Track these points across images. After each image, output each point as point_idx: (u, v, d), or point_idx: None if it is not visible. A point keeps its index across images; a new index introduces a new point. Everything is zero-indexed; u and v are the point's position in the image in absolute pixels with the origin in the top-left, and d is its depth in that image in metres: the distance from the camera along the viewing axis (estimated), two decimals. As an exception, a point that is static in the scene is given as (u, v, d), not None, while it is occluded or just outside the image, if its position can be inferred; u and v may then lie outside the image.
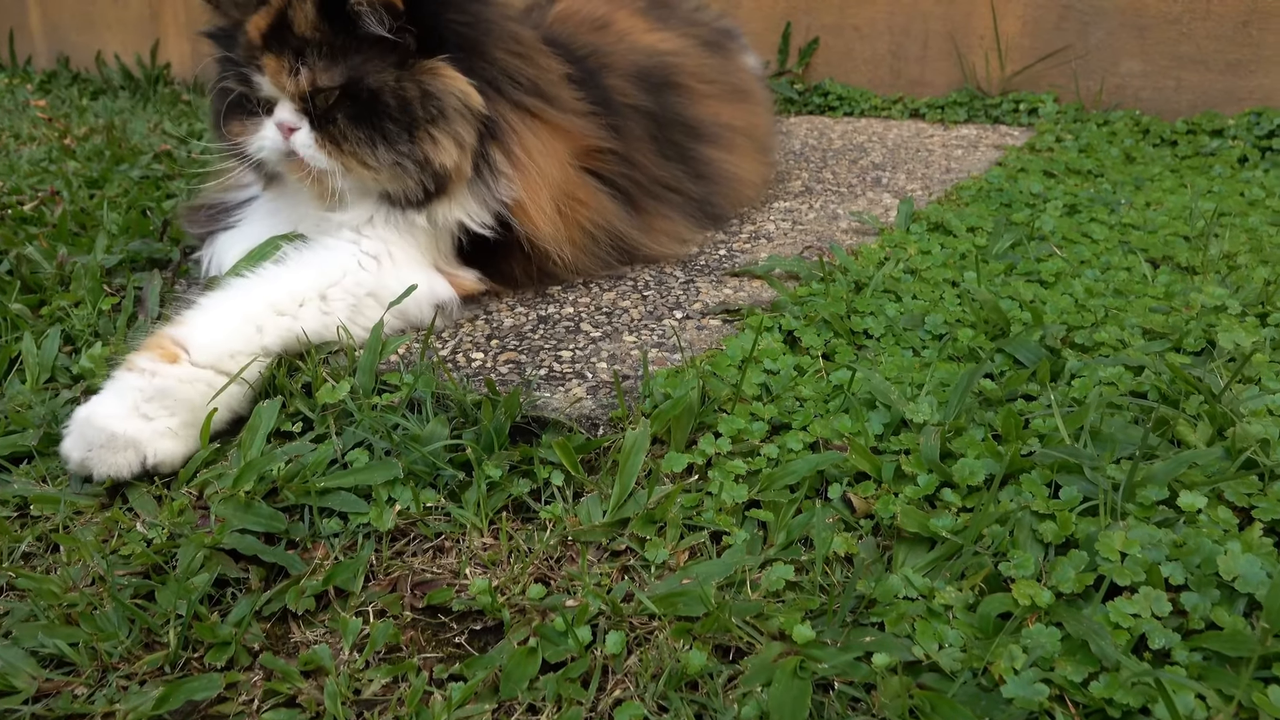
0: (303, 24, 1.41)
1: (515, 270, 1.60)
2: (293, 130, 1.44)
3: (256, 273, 1.42)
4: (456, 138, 1.45)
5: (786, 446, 1.16)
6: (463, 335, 1.47)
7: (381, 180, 1.46)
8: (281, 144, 1.45)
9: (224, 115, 1.51)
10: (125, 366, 1.27)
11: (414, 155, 1.43)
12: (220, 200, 1.71)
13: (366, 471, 1.15)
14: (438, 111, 1.44)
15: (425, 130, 1.43)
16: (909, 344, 1.41)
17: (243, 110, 1.50)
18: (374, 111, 1.42)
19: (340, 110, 1.42)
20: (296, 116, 1.44)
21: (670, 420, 1.17)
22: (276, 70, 1.42)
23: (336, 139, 1.42)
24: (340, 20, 1.40)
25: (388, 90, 1.42)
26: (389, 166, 1.43)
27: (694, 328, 1.46)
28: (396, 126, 1.42)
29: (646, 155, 1.76)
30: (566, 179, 1.60)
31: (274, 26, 1.42)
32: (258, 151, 1.48)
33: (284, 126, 1.44)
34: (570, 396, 1.26)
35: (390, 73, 1.42)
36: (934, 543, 1.01)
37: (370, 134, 1.42)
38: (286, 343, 1.36)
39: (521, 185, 1.52)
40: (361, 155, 1.42)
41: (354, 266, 1.45)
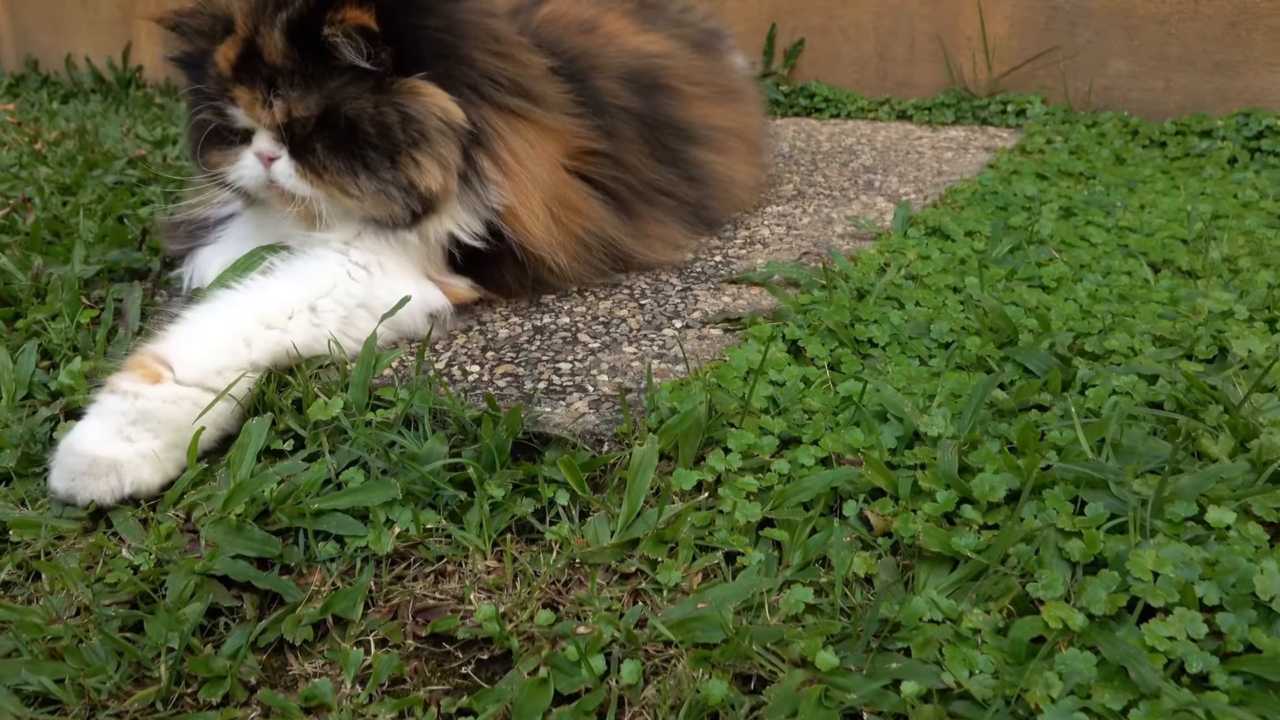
0: (273, 53, 1.36)
1: (508, 278, 1.56)
2: (272, 160, 1.40)
3: (242, 285, 1.38)
4: (440, 159, 1.40)
5: (798, 462, 1.13)
6: (457, 347, 1.42)
7: (366, 208, 1.41)
8: (262, 174, 1.41)
9: (201, 147, 1.46)
10: (107, 389, 1.22)
11: (398, 182, 1.39)
12: (200, 216, 1.65)
13: (363, 492, 1.11)
14: (419, 135, 1.39)
15: (408, 155, 1.38)
16: (915, 353, 1.38)
17: (221, 140, 1.45)
18: (353, 140, 1.37)
19: (318, 140, 1.37)
20: (275, 145, 1.40)
21: (678, 436, 1.14)
22: (250, 103, 1.37)
23: (317, 168, 1.38)
24: (311, 48, 1.35)
25: (366, 117, 1.37)
26: (372, 195, 1.39)
27: (695, 338, 1.42)
28: (378, 154, 1.38)
29: (638, 158, 1.72)
30: (558, 182, 1.56)
31: (243, 56, 1.37)
32: (238, 181, 1.44)
33: (263, 156, 1.40)
34: (573, 411, 1.22)
35: (368, 98, 1.37)
36: (956, 562, 0.98)
37: (350, 163, 1.38)
38: (276, 357, 1.31)
39: (512, 191, 1.48)
40: (343, 184, 1.38)
41: (344, 277, 1.40)
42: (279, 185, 1.40)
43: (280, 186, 1.41)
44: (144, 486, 1.17)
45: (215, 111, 1.40)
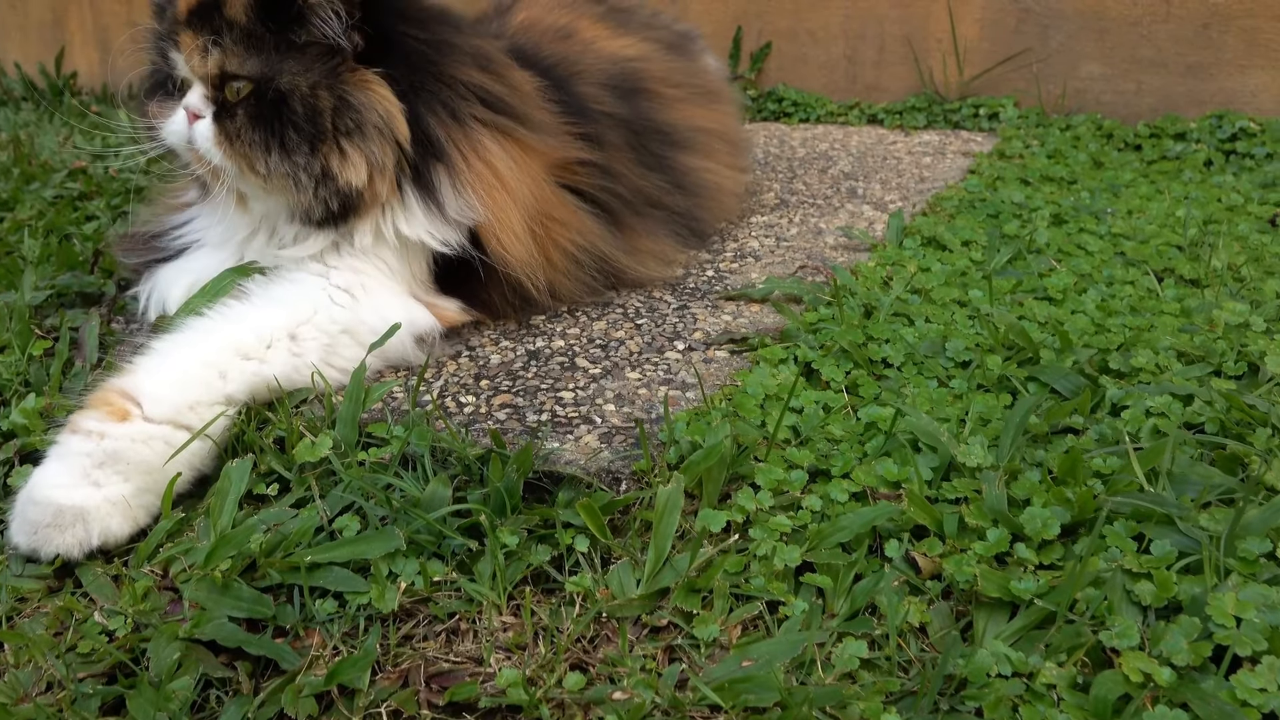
0: (235, 8, 1.29)
1: (496, 298, 1.46)
2: (197, 118, 1.33)
3: (215, 312, 1.27)
4: (371, 157, 1.32)
5: (830, 497, 1.05)
6: (448, 376, 1.33)
7: (270, 190, 1.34)
8: (185, 131, 1.34)
9: (146, 93, 1.41)
10: (69, 428, 1.11)
11: (311, 169, 1.30)
12: (159, 227, 1.54)
13: (362, 543, 1.01)
14: (354, 125, 1.31)
15: (334, 143, 1.30)
16: (932, 373, 1.31)
17: (162, 90, 1.39)
18: (277, 115, 1.29)
19: (244, 107, 1.30)
20: (205, 104, 1.33)
21: (701, 473, 1.06)
22: (190, 49, 1.31)
23: (232, 136, 1.30)
24: (275, 14, 1.28)
25: (298, 96, 1.29)
26: (279, 177, 1.31)
27: (700, 361, 1.35)
28: (299, 136, 1.29)
29: (626, 165, 1.65)
30: (542, 199, 1.48)
31: (204, 4, 1.30)
32: (167, 136, 1.37)
33: (190, 112, 1.33)
34: (584, 447, 1.14)
35: (307, 78, 1.29)
36: (1016, 608, 0.91)
37: (266, 138, 1.29)
38: (254, 389, 1.21)
39: (489, 208, 1.39)
40: (251, 158, 1.30)
41: (325, 302, 1.30)
42: (195, 147, 1.34)
43: (196, 149, 1.34)
44: (113, 537, 1.07)
45: (160, 54, 1.36)
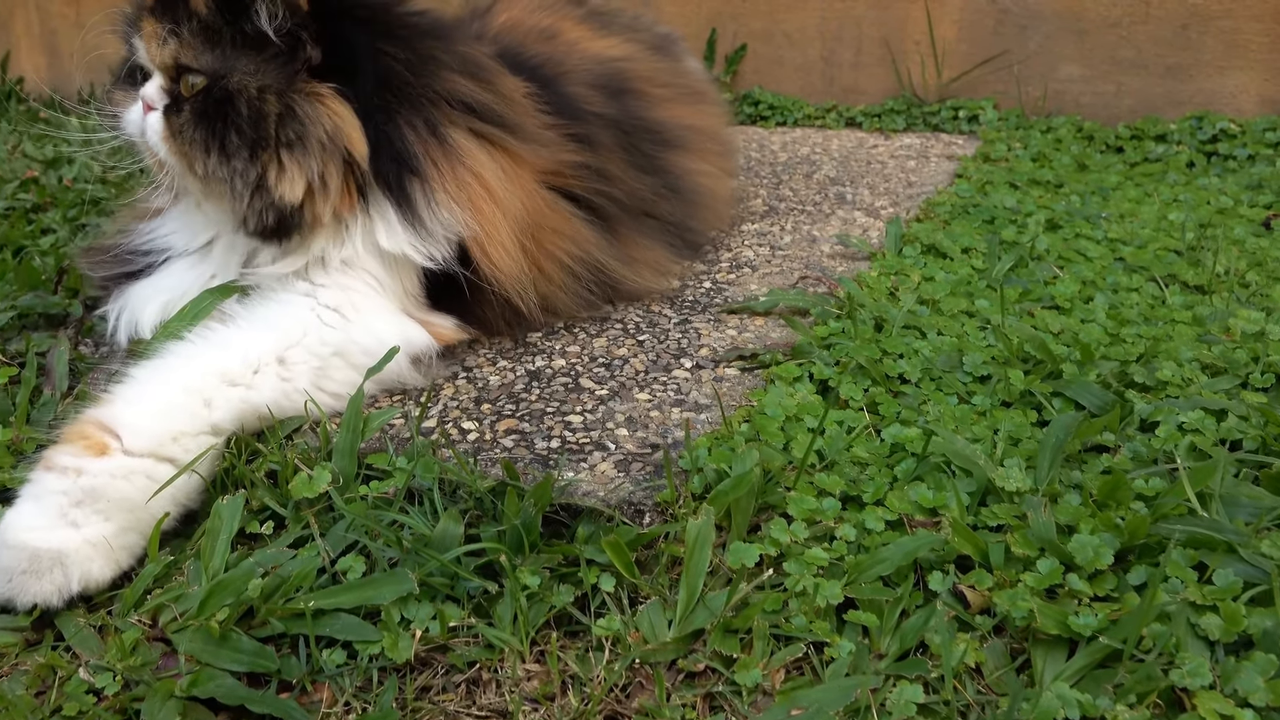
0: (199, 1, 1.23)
1: (490, 314, 1.39)
2: (151, 109, 1.28)
3: (196, 335, 1.19)
4: (310, 173, 1.24)
5: (865, 526, 1.00)
6: (446, 400, 1.26)
7: (207, 193, 1.30)
8: (140, 121, 1.29)
9: (113, 81, 1.37)
10: (43, 465, 1.03)
11: (247, 176, 1.23)
12: (126, 238, 1.45)
13: (370, 586, 0.94)
14: (297, 137, 1.23)
15: (274, 153, 1.23)
16: (951, 389, 1.26)
17: (128, 79, 1.35)
18: (222, 115, 1.23)
19: (193, 102, 1.24)
20: (160, 95, 1.28)
21: (730, 503, 1.00)
22: (150, 35, 1.26)
23: (176, 131, 1.25)
24: (234, 8, 1.22)
25: (245, 98, 1.22)
26: (215, 180, 1.25)
27: (710, 379, 1.29)
28: (239, 140, 1.23)
29: (620, 167, 1.58)
30: (534, 210, 1.41)
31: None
32: (125, 126, 1.32)
33: (145, 102, 1.28)
34: (601, 476, 1.07)
35: (257, 80, 1.23)
36: (1074, 645, 0.86)
37: (208, 137, 1.23)
38: (242, 418, 1.14)
39: (476, 220, 1.32)
40: (191, 157, 1.25)
41: (314, 322, 1.22)
42: (146, 139, 1.29)
43: (147, 141, 1.29)
44: (95, 582, 0.99)
45: (127, 40, 1.32)
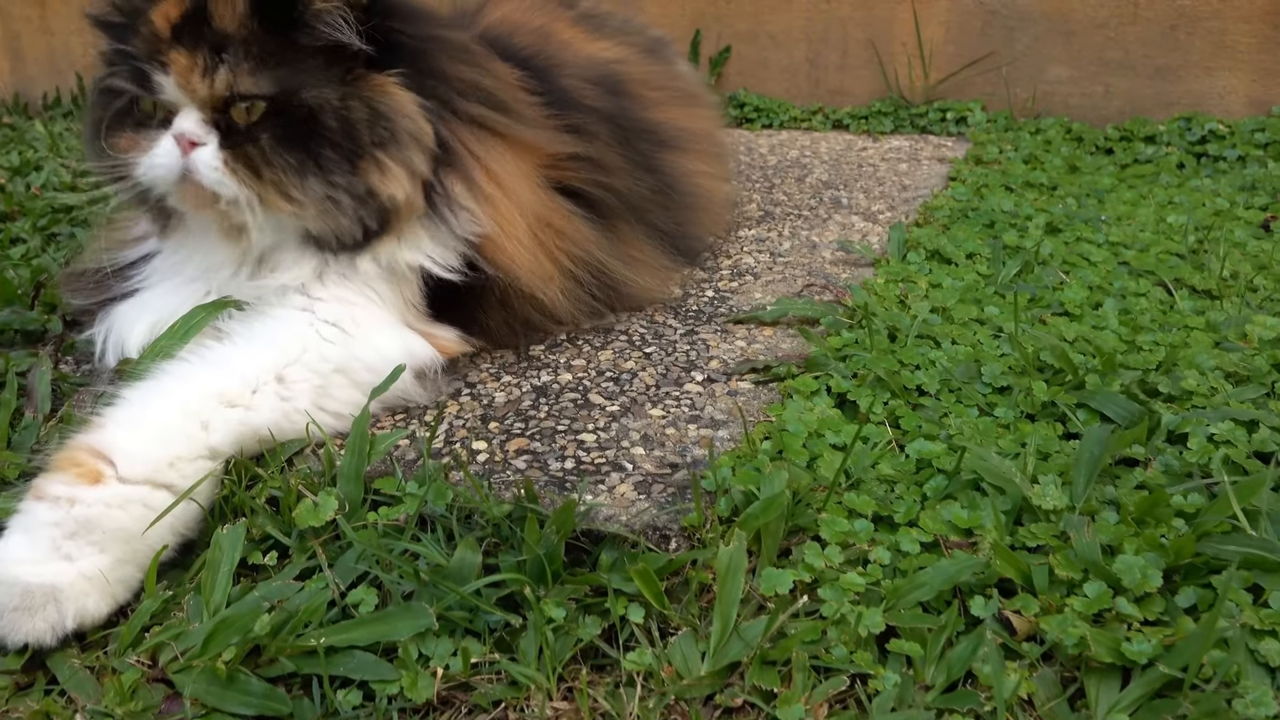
0: (227, 17, 1.15)
1: (492, 323, 1.35)
2: (195, 145, 1.16)
3: (190, 354, 1.13)
4: (409, 165, 1.21)
5: (900, 549, 0.96)
6: (451, 418, 1.21)
7: (305, 217, 1.20)
8: (177, 163, 1.17)
9: (107, 124, 1.21)
10: (33, 494, 0.97)
11: (353, 188, 1.18)
12: (110, 261, 1.39)
13: (385, 621, 0.89)
14: (389, 135, 1.20)
15: (372, 157, 1.19)
16: (971, 401, 1.23)
17: (131, 120, 1.21)
18: (310, 134, 1.17)
19: (267, 129, 1.16)
20: (202, 129, 1.16)
21: (760, 527, 0.96)
22: (187, 68, 1.14)
23: (256, 163, 1.16)
24: (277, 20, 1.15)
25: (329, 109, 1.17)
26: (317, 201, 1.18)
27: (725, 394, 1.24)
28: (336, 154, 1.17)
29: (618, 161, 1.54)
30: (539, 203, 1.38)
31: (189, 17, 1.15)
32: (147, 172, 1.18)
33: (184, 139, 1.16)
34: (621, 499, 1.03)
35: (333, 88, 1.17)
36: (1128, 673, 0.83)
37: (302, 160, 1.16)
38: (241, 440, 1.08)
39: (491, 216, 1.29)
40: (285, 186, 1.17)
41: (314, 338, 1.17)
42: (197, 179, 1.17)
43: (198, 181, 1.17)
44: (90, 618, 0.94)
45: (136, 78, 1.17)
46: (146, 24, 1.16)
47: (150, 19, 1.15)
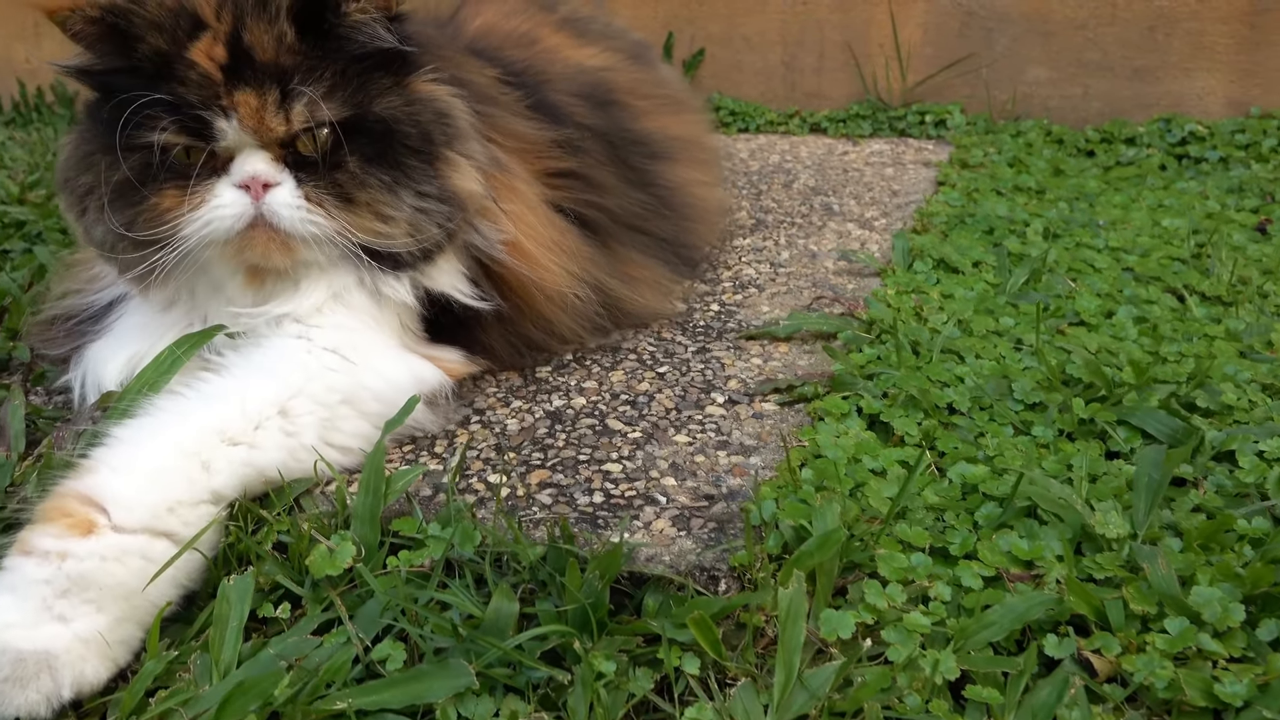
0: (269, 48, 1.07)
1: (494, 343, 1.28)
2: (268, 187, 1.08)
3: (182, 387, 1.05)
4: (474, 156, 1.19)
5: (960, 584, 0.91)
6: (463, 448, 1.13)
7: (395, 235, 1.13)
8: (247, 211, 1.08)
9: (141, 180, 1.09)
10: (19, 549, 0.89)
11: (442, 192, 1.14)
12: (80, 306, 1.29)
13: (419, 680, 0.82)
14: (454, 130, 1.17)
15: (444, 156, 1.15)
16: (1005, 419, 1.18)
17: (166, 174, 1.09)
18: (393, 147, 1.11)
19: (352, 152, 1.09)
20: (274, 169, 1.08)
21: (814, 566, 0.90)
22: (257, 109, 1.06)
23: (348, 190, 1.10)
24: (322, 39, 1.09)
25: (404, 118, 1.12)
26: (409, 215, 1.13)
27: (749, 416, 1.19)
28: (419, 160, 1.13)
29: (610, 179, 1.48)
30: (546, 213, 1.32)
31: (236, 55, 1.06)
32: (205, 226, 1.08)
33: (257, 183, 1.07)
34: (661, 536, 0.96)
35: (395, 96, 1.13)
36: (1218, 715, 0.78)
37: (395, 175, 1.11)
38: (245, 481, 1.00)
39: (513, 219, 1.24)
40: (380, 206, 1.11)
41: (316, 367, 1.09)
42: (274, 223, 1.09)
43: (276, 225, 1.09)
44: (89, 685, 0.86)
45: (188, 128, 1.06)
46: (188, 68, 1.06)
47: (191, 61, 1.06)
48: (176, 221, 1.09)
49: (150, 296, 1.21)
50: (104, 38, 1.10)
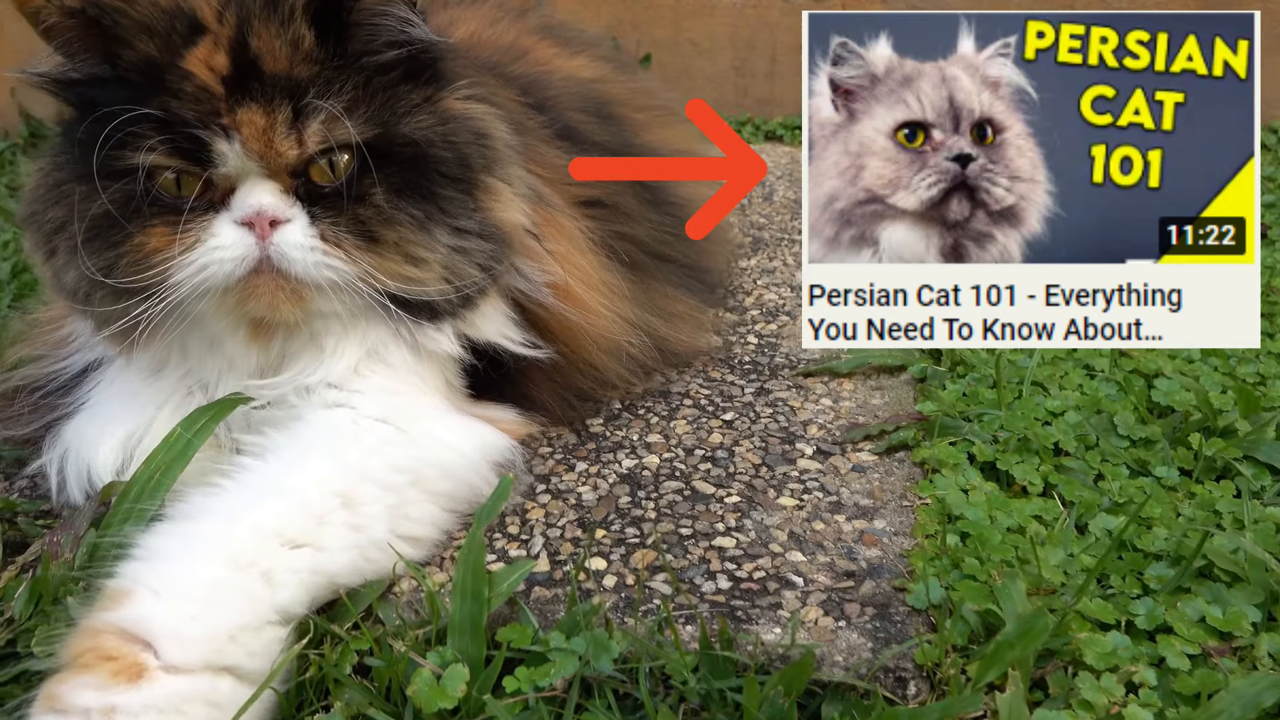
0: (280, 55, 0.90)
1: (543, 394, 1.13)
2: (275, 224, 0.90)
3: (221, 478, 0.87)
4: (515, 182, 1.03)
5: (1167, 665, 0.80)
6: (539, 525, 0.98)
7: (428, 280, 0.96)
8: (251, 253, 0.90)
9: (124, 215, 0.91)
10: (50, 706, 0.71)
11: (483, 226, 0.98)
12: (46, 375, 1.08)
13: (591, 842, 0.67)
14: (493, 154, 1.01)
15: (483, 184, 0.99)
16: (1117, 458, 1.09)
17: (152, 209, 0.91)
18: (426, 175, 0.94)
19: (380, 182, 0.92)
20: (284, 201, 0.91)
21: (1012, 659, 0.78)
22: (264, 129, 0.88)
23: (372, 227, 0.92)
24: (340, 43, 0.92)
25: (437, 139, 0.95)
26: (445, 255, 0.96)
27: (849, 470, 1.06)
28: (456, 190, 0.96)
29: (632, 203, 1.34)
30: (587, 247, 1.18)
31: (240, 63, 0.88)
32: (200, 272, 0.90)
33: (263, 219, 0.89)
34: (819, 629, 0.83)
35: (426, 114, 0.96)
36: None
37: (428, 209, 0.94)
38: (314, 592, 0.83)
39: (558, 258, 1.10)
40: (411, 246, 0.94)
41: (372, 442, 0.92)
42: (283, 268, 0.91)
43: (285, 271, 0.91)
44: None
45: (181, 150, 0.88)
46: (183, 78, 0.88)
47: (186, 71, 0.88)
48: (165, 266, 0.91)
49: (133, 359, 1.02)
50: (84, 39, 0.91)
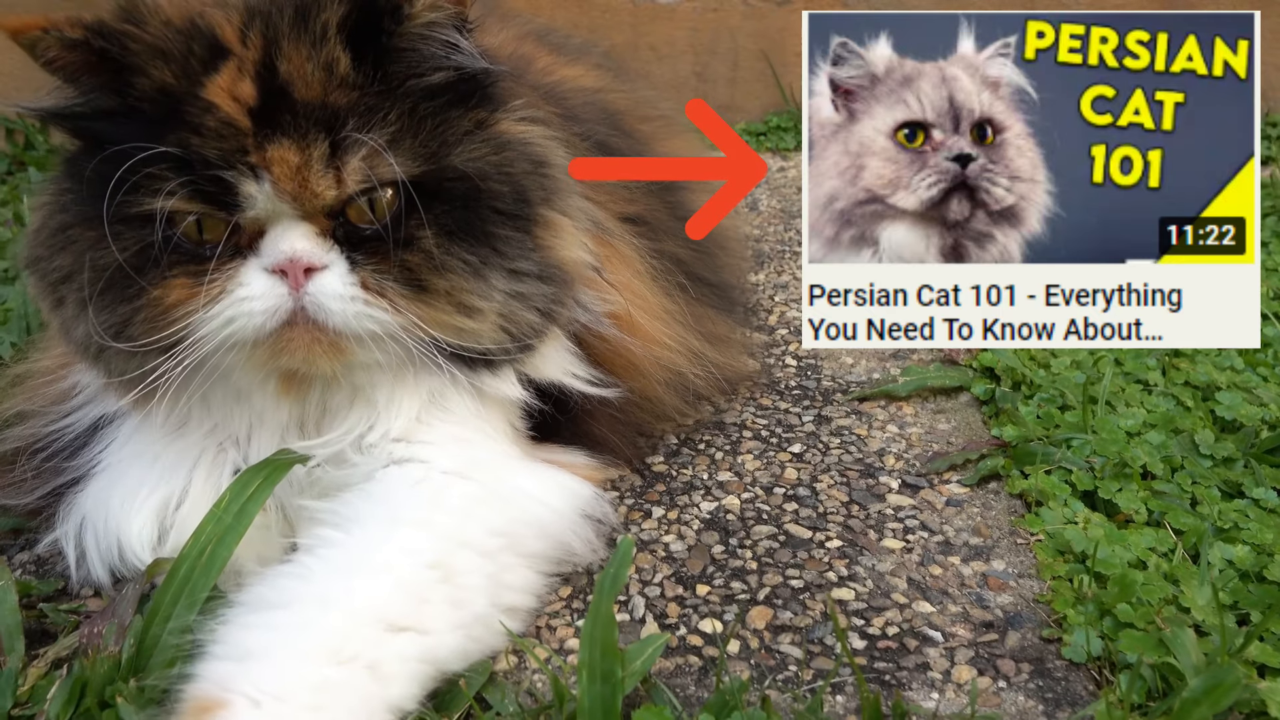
0: (314, 81, 0.79)
1: (608, 433, 1.04)
2: (311, 272, 0.79)
3: (306, 558, 0.76)
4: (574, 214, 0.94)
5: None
6: (631, 583, 0.90)
7: (482, 330, 0.86)
8: (284, 303, 0.79)
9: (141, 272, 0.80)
10: None
11: (542, 267, 0.88)
12: (49, 434, 0.95)
13: None
14: (552, 184, 0.91)
15: (541, 218, 0.89)
16: (1207, 480, 1.05)
17: (173, 258, 0.80)
18: (480, 213, 0.84)
19: (430, 224, 0.81)
20: (321, 247, 0.80)
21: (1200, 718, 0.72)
22: (298, 168, 0.77)
23: (420, 274, 0.82)
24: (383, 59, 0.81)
25: (492, 170, 0.84)
26: (501, 302, 0.86)
27: (944, 505, 1.00)
28: (513, 228, 0.86)
29: (665, 219, 1.27)
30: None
31: (268, 92, 0.77)
32: (227, 325, 0.79)
33: (297, 267, 0.79)
34: (986, 695, 0.76)
35: (479, 143, 0.85)
36: None
37: (484, 253, 0.83)
38: (424, 682, 0.73)
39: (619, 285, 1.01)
40: (464, 294, 0.83)
41: (459, 503, 0.83)
42: (319, 320, 0.80)
43: (322, 323, 0.81)
44: None
45: (203, 193, 0.77)
46: (204, 111, 0.77)
47: (208, 103, 0.77)
48: (188, 321, 0.80)
49: (151, 416, 0.90)
50: (90, 69, 0.80)
